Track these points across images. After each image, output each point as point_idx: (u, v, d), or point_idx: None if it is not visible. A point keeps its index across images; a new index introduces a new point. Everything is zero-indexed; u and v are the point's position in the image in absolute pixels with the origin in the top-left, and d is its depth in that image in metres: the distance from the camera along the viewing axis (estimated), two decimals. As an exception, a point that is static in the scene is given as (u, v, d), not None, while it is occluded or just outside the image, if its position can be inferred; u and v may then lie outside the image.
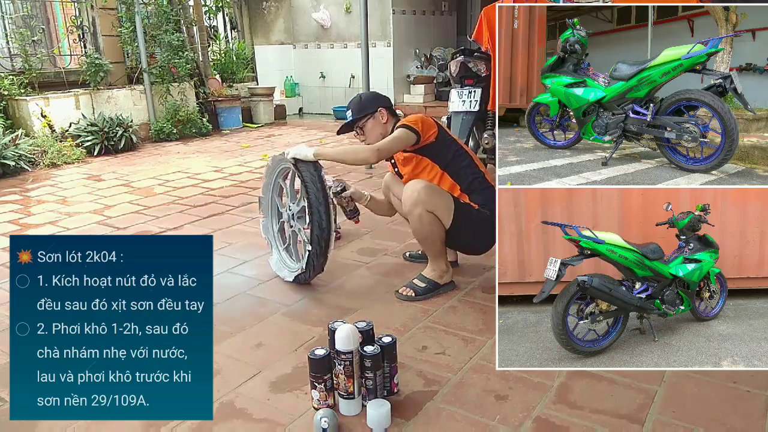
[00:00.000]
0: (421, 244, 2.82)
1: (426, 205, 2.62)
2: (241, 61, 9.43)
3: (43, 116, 6.46)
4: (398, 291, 2.80)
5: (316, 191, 2.70)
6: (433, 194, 2.64)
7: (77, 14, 7.42)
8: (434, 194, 2.65)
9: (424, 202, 2.62)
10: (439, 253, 2.77)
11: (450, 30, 9.50)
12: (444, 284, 2.80)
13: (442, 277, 2.79)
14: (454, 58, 4.43)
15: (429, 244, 2.75)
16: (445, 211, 2.67)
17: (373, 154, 2.65)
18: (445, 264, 2.80)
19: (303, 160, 2.73)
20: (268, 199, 3.16)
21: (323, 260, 2.79)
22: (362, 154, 2.69)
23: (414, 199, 2.63)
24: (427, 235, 2.70)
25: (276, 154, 3.00)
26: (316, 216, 2.69)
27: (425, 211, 2.63)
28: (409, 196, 2.65)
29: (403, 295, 2.76)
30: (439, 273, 2.79)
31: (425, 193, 2.62)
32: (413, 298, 2.74)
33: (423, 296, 2.74)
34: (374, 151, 2.65)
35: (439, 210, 2.65)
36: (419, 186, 2.64)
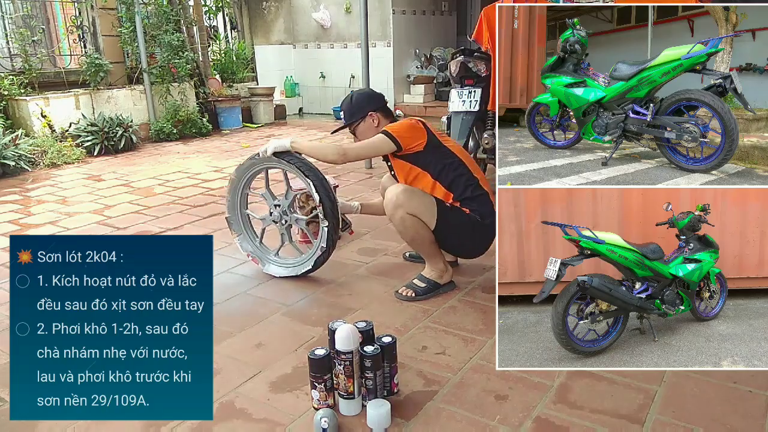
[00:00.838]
0: (410, 246, 2.85)
1: (406, 207, 2.62)
2: (241, 61, 9.43)
3: (43, 116, 6.46)
4: (398, 291, 2.80)
5: (312, 169, 2.79)
6: (412, 197, 2.64)
7: (77, 14, 7.42)
8: (413, 197, 2.64)
9: (404, 205, 2.62)
10: (432, 253, 2.77)
11: (450, 30, 9.50)
12: (444, 284, 2.80)
13: (441, 277, 2.79)
14: (454, 58, 4.42)
15: (418, 246, 2.75)
16: (427, 213, 2.65)
17: (340, 156, 2.70)
18: (443, 263, 2.80)
19: (282, 151, 2.80)
20: (237, 216, 3.16)
21: (337, 236, 2.88)
22: (330, 155, 2.72)
23: (393, 203, 2.63)
24: (413, 237, 2.70)
25: (239, 166, 3.02)
26: (322, 191, 2.76)
27: (406, 213, 2.63)
28: (389, 200, 2.65)
29: (403, 295, 2.76)
30: (438, 273, 2.79)
31: (404, 196, 2.62)
32: (413, 299, 2.74)
33: (423, 296, 2.75)
34: (341, 155, 2.70)
35: (420, 212, 2.64)
36: (398, 190, 2.64)
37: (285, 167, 2.89)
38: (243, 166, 3.01)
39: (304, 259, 2.99)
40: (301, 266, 2.97)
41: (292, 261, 3.06)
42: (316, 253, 2.90)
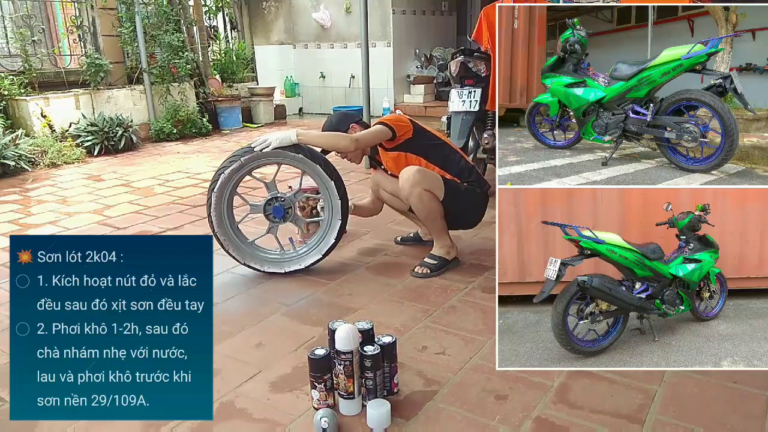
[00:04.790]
0: (425, 223, 3.08)
1: (422, 184, 2.89)
2: (241, 61, 9.43)
3: (43, 116, 6.46)
4: (414, 270, 3.03)
5: (317, 154, 2.93)
6: (425, 174, 2.94)
7: (77, 14, 7.41)
8: (426, 174, 2.94)
9: (420, 181, 2.89)
10: (442, 228, 3.04)
11: (450, 30, 9.50)
12: (451, 259, 3.07)
13: (449, 253, 3.06)
14: (454, 58, 4.42)
15: (432, 221, 3.00)
16: (438, 187, 2.96)
17: (352, 143, 2.91)
18: (449, 240, 3.08)
19: (286, 145, 2.85)
20: (229, 233, 3.01)
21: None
22: (342, 143, 2.92)
23: (411, 181, 2.89)
24: (428, 211, 2.95)
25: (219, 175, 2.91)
26: (342, 190, 2.97)
27: (423, 189, 2.89)
28: (406, 180, 2.91)
29: (419, 273, 3.00)
30: (446, 249, 3.06)
31: (420, 174, 2.91)
32: (429, 275, 2.99)
33: (437, 272, 3.00)
34: (353, 141, 2.90)
35: (433, 187, 2.94)
36: (412, 170, 2.92)
37: (292, 163, 2.92)
38: (230, 168, 2.87)
39: (317, 245, 3.06)
40: (317, 253, 3.05)
41: (306, 251, 3.08)
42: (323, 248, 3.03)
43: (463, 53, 4.38)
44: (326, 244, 3.04)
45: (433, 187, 2.93)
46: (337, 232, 3.01)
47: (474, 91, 4.31)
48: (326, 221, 3.04)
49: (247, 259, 3.04)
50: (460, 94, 4.34)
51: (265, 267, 3.04)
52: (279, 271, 3.03)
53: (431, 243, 3.31)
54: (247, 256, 3.04)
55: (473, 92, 4.31)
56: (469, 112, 4.30)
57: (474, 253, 3.28)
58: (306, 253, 3.08)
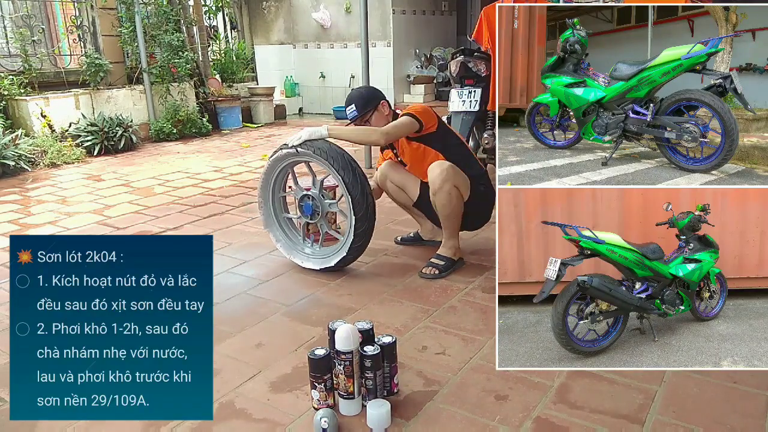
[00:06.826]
0: (445, 221, 3.02)
1: (454, 180, 2.90)
2: (241, 61, 9.43)
3: (43, 116, 6.46)
4: (422, 271, 3.01)
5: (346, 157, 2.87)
6: (457, 171, 2.94)
7: (77, 14, 7.42)
8: (458, 171, 2.95)
9: (453, 177, 2.89)
10: (456, 228, 3.04)
11: (450, 30, 9.50)
12: (457, 260, 3.06)
13: (455, 254, 3.05)
14: (454, 58, 4.43)
15: (452, 220, 2.99)
16: (466, 187, 2.98)
17: (383, 137, 2.88)
18: (457, 241, 3.07)
19: (317, 139, 2.91)
20: (281, 234, 3.19)
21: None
22: (374, 136, 2.91)
23: (444, 176, 2.87)
24: (452, 209, 2.95)
25: (273, 154, 3.03)
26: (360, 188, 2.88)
27: (453, 186, 2.89)
28: (438, 174, 2.88)
29: (428, 274, 2.98)
30: (453, 250, 3.05)
31: (453, 170, 2.90)
32: (438, 276, 2.96)
33: (445, 273, 2.99)
34: (384, 134, 2.87)
35: (462, 185, 2.95)
36: (445, 165, 2.90)
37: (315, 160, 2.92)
38: (275, 156, 3.04)
39: (334, 251, 3.05)
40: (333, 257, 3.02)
41: (337, 247, 3.07)
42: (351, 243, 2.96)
43: (463, 53, 4.39)
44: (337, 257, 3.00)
45: (462, 186, 2.95)
46: (349, 247, 2.93)
47: (474, 91, 4.32)
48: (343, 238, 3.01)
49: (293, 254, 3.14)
50: (460, 94, 4.34)
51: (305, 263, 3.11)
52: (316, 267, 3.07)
53: (431, 243, 3.32)
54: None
55: (473, 92, 4.32)
56: (469, 112, 4.31)
57: (474, 253, 3.28)
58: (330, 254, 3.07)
